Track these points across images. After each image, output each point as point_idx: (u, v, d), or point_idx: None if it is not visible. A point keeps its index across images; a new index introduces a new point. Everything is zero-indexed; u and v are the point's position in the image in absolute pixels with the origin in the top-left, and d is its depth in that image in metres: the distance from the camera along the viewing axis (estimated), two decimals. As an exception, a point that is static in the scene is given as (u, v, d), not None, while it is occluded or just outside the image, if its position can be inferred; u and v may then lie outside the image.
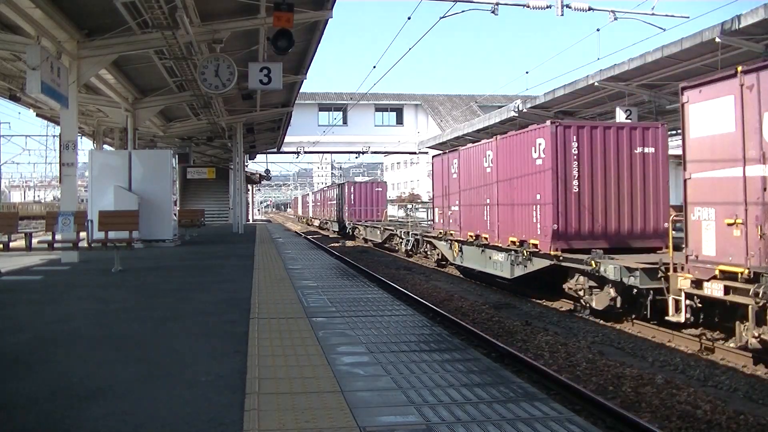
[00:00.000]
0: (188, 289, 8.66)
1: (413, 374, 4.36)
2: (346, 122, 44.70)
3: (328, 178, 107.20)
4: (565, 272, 11.84)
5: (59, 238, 11.05)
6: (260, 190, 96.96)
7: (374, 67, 22.84)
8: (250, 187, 49.06)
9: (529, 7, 13.43)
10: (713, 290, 8.02)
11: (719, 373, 7.71)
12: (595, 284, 10.92)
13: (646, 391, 6.75)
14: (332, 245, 28.74)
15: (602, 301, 10.73)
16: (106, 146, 25.32)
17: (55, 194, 70.07)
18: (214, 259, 13.29)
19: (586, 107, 21.14)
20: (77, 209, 12.85)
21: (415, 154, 47.89)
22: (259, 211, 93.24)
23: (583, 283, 11.22)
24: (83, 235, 11.12)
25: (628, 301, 10.34)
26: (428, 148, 39.18)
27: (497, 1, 13.30)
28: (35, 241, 11.83)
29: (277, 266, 11.49)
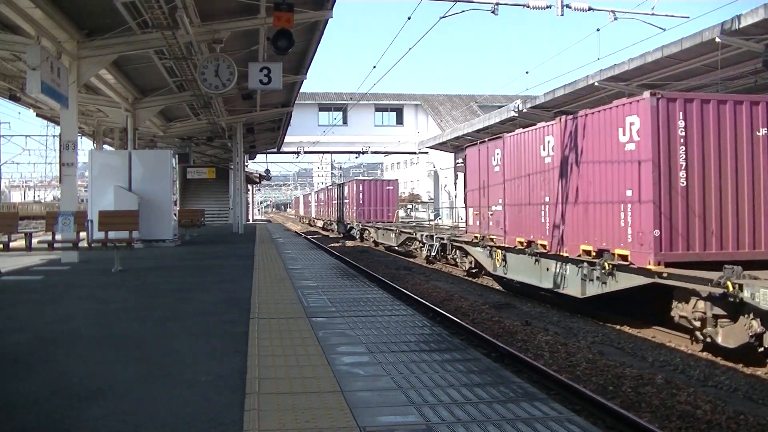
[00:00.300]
0: (188, 289, 8.66)
1: (413, 374, 4.36)
2: (346, 122, 44.71)
3: (328, 178, 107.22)
4: (666, 293, 9.16)
5: (59, 238, 11.05)
6: (260, 190, 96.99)
7: (374, 67, 22.83)
8: (250, 187, 49.06)
9: (529, 7, 13.41)
10: None
11: (719, 373, 7.71)
12: (722, 312, 8.21)
13: (646, 391, 6.76)
14: (332, 245, 28.74)
15: (735, 336, 8.10)
16: (106, 146, 25.32)
17: (55, 194, 70.10)
18: (214, 259, 13.29)
19: (586, 107, 21.13)
20: (77, 209, 12.85)
21: (415, 154, 47.92)
22: (259, 211, 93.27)
23: (703, 309, 8.39)
24: (83, 235, 11.12)
25: None
26: (428, 147, 39.22)
27: (497, 1, 13.28)
28: (35, 241, 11.82)
29: (277, 266, 11.49)
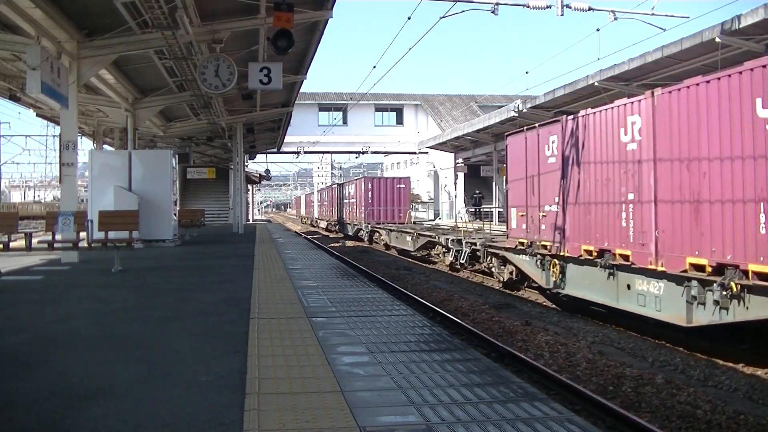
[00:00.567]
0: (188, 289, 8.66)
1: (413, 374, 4.36)
2: (346, 122, 44.69)
3: (328, 178, 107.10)
4: None
5: (59, 238, 11.05)
6: (260, 190, 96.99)
7: (374, 67, 22.83)
8: (250, 187, 49.06)
9: (529, 7, 13.42)
10: None
11: (719, 373, 7.71)
12: None
13: (646, 391, 6.76)
14: (332, 245, 28.74)
15: None
16: (106, 146, 25.32)
17: (55, 194, 70.12)
18: (214, 259, 13.28)
19: (586, 108, 21.12)
20: (77, 209, 12.85)
21: (415, 154, 47.88)
22: (259, 211, 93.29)
23: None
24: (83, 235, 11.12)
25: None
26: (428, 147, 39.23)
27: (497, 1, 13.29)
28: (35, 241, 11.82)
29: (277, 266, 11.49)
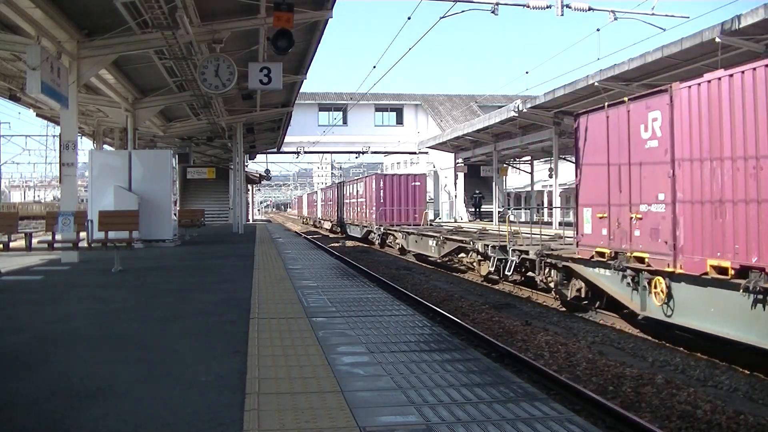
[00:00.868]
0: (188, 289, 8.66)
1: (413, 374, 4.36)
2: (346, 122, 44.68)
3: (328, 178, 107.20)
4: None
5: (59, 238, 11.05)
6: (260, 190, 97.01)
7: (374, 67, 22.86)
8: (250, 187, 49.06)
9: (529, 7, 13.43)
10: None
11: (719, 373, 7.71)
12: None
13: (646, 391, 6.76)
14: (332, 245, 28.74)
15: None
16: (106, 146, 25.33)
17: (55, 194, 70.13)
18: (214, 259, 13.28)
19: (586, 108, 21.12)
20: (77, 209, 12.85)
21: (415, 154, 47.86)
22: (259, 211, 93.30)
23: None
24: (83, 235, 11.12)
25: None
26: (428, 147, 39.22)
27: (497, 1, 13.30)
28: (35, 241, 11.83)
29: (277, 266, 11.49)
